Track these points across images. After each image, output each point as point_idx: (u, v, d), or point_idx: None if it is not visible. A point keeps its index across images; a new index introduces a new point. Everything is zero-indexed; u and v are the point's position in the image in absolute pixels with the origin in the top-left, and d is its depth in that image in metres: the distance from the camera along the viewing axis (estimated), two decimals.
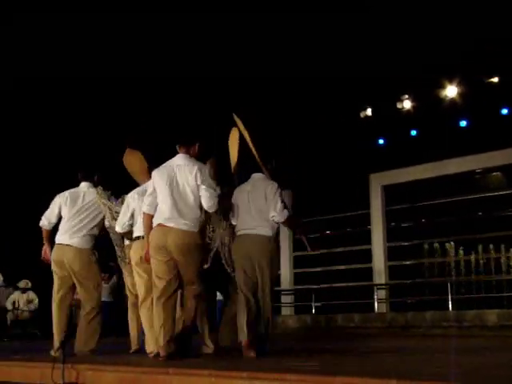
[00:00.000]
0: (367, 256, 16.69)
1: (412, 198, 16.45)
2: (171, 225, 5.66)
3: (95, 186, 6.95)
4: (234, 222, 6.21)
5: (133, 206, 6.51)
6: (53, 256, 6.80)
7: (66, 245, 6.71)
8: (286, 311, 17.62)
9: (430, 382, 3.96)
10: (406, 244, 16.49)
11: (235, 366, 5.16)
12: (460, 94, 16.20)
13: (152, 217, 5.83)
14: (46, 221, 6.93)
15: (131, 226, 6.53)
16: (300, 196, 17.51)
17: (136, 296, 6.75)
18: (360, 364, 5.44)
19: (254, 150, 6.39)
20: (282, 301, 17.89)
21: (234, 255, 6.14)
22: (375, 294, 15.70)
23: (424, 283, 15.74)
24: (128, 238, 6.75)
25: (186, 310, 5.85)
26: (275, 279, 6.12)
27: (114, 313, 11.73)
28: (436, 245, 15.71)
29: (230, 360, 6.08)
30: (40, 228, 7.03)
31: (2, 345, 8.47)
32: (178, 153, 5.99)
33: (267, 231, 5.97)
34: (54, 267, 6.82)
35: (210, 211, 5.83)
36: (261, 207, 5.98)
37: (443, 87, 16.61)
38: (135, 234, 6.46)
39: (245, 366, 5.11)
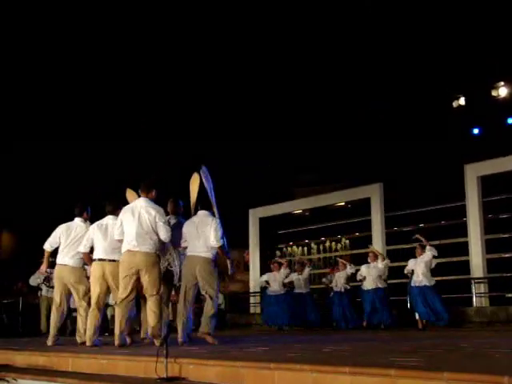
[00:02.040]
0: (464, 249, 16.18)
1: (511, 188, 15.82)
2: (137, 249, 7.82)
3: (85, 221, 9.03)
4: (184, 245, 8.23)
5: (91, 235, 8.56)
6: (55, 273, 9.13)
7: (64, 265, 8.87)
8: None
9: None
10: (505, 236, 15.88)
11: (337, 362, 5.11)
12: None
13: (121, 241, 7.99)
14: (48, 245, 9.06)
15: (91, 248, 8.58)
16: (393, 188, 17.26)
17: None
18: (467, 360, 5.27)
19: (210, 196, 8.64)
20: None
21: (184, 270, 8.13)
22: (473, 287, 15.24)
23: None
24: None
25: (154, 309, 7.88)
26: (216, 286, 8.03)
27: None
28: None
29: (330, 355, 6.04)
30: None
31: (104, 340, 8.76)
32: (140, 196, 8.18)
33: (209, 255, 7.99)
34: (56, 281, 9.09)
35: (166, 241, 8.00)
36: (206, 237, 7.96)
37: None
38: (94, 257, 8.53)
39: (347, 361, 5.05)
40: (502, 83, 16.26)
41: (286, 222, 21.13)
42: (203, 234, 7.98)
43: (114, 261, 8.27)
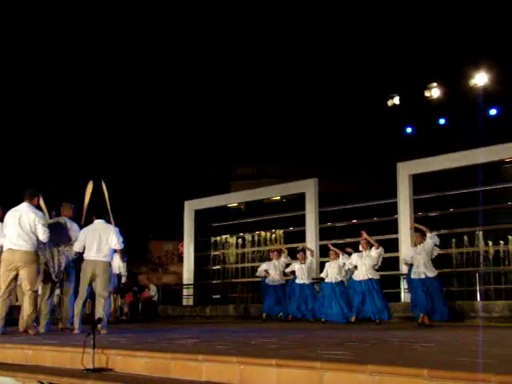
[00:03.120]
0: (394, 245, 16.51)
1: (440, 187, 16.25)
2: (17, 248, 8.73)
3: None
4: (77, 249, 9.24)
5: None
6: None
7: None
8: None
9: (461, 373, 3.92)
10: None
11: (265, 354, 5.16)
12: (490, 83, 15.98)
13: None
14: None
15: None
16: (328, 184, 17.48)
17: None
18: (392, 353, 5.41)
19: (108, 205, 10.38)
20: None
21: (83, 271, 9.09)
22: (402, 283, 15.57)
23: (452, 273, 15.60)
24: None
25: (30, 302, 8.73)
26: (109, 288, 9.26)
27: None
28: (464, 235, 15.58)
29: (259, 347, 6.10)
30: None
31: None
32: (23, 201, 9.03)
33: (109, 259, 9.14)
34: None
35: (44, 241, 8.92)
36: (108, 243, 9.06)
37: (472, 76, 16.43)
38: None
39: (274, 354, 5.11)
40: (435, 84, 16.67)
41: (221, 214, 21.15)
42: (105, 240, 9.05)
43: None
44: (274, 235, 19.56)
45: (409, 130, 17.89)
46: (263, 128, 20.49)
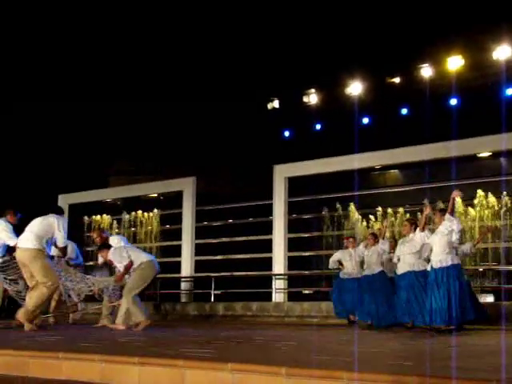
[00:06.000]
0: (268, 246, 16.83)
1: (314, 190, 16.71)
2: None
3: None
4: None
5: None
6: None
7: None
8: (185, 298, 17.60)
9: (317, 370, 4.07)
10: (305, 236, 16.77)
11: (127, 352, 5.12)
12: (363, 93, 16.64)
13: None
14: None
15: None
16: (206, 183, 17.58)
17: None
18: (255, 352, 5.52)
19: None
20: (182, 288, 17.85)
21: None
22: (274, 283, 15.89)
23: (321, 275, 16.09)
24: None
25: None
26: None
27: None
28: (332, 237, 16.14)
29: (124, 346, 6.04)
30: None
31: None
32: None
33: None
34: None
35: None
36: None
37: (348, 85, 17.05)
38: None
39: (136, 352, 5.08)
40: (313, 90, 17.15)
41: (97, 210, 20.69)
42: None
43: None
44: (149, 231, 19.40)
45: (287, 133, 18.28)
46: (143, 125, 20.27)
